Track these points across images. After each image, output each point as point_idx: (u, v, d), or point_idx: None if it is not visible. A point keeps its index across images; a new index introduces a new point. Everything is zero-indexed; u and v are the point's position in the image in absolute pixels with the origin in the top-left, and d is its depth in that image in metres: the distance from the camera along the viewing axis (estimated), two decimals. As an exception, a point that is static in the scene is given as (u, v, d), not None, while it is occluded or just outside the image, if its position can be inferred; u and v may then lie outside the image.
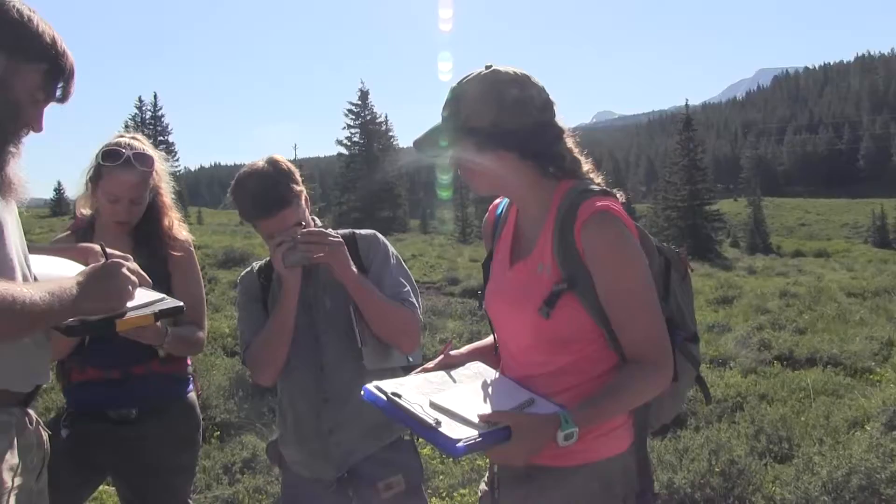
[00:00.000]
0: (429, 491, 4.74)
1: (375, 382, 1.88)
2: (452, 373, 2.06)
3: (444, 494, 4.94)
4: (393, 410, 1.78)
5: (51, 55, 1.82)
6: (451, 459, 5.43)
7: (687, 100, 58.07)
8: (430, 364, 2.13)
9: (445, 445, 1.67)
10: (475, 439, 1.69)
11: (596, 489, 1.95)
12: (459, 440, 1.66)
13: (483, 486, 2.26)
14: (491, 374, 2.08)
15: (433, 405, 1.77)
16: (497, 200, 2.26)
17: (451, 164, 2.04)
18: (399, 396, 1.78)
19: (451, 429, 1.69)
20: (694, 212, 51.57)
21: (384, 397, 1.80)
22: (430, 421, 1.70)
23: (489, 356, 2.21)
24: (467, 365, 2.12)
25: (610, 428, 1.96)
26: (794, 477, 4.79)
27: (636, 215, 73.32)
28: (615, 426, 1.98)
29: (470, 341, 2.61)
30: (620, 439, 1.99)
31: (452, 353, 2.18)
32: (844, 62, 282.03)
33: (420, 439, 2.08)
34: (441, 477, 5.16)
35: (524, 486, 2.04)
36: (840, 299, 14.79)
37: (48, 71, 1.83)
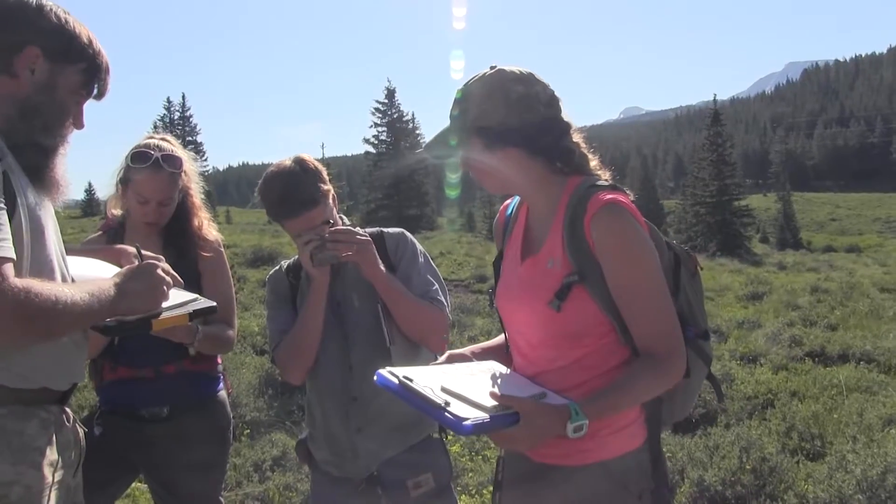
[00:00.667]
0: (458, 489, 4.75)
1: (389, 368, 1.90)
2: (466, 366, 2.08)
3: (473, 492, 4.94)
4: (404, 393, 1.80)
5: (88, 54, 1.89)
6: (479, 457, 5.45)
7: (715, 94, 57.32)
8: (441, 358, 2.14)
9: (453, 424, 1.69)
10: (483, 420, 1.71)
11: (610, 487, 1.95)
12: (467, 419, 1.68)
13: None
14: (504, 370, 2.09)
15: (444, 389, 1.80)
16: (508, 201, 2.28)
17: (462, 165, 2.06)
18: (411, 380, 1.81)
19: (459, 409, 1.72)
20: (723, 207, 51.07)
21: (396, 381, 1.82)
22: (440, 401, 1.73)
23: (500, 355, 2.22)
24: (481, 362, 2.13)
25: (622, 425, 1.96)
26: (826, 475, 4.73)
27: (664, 211, 72.88)
28: (627, 423, 1.98)
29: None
30: (633, 436, 1.99)
31: (460, 350, 2.19)
32: (877, 54, 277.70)
33: (448, 438, 2.09)
34: (470, 474, 5.17)
35: (535, 485, 2.05)
36: (873, 295, 14.61)
37: (86, 70, 1.90)
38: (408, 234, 2.71)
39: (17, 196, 1.71)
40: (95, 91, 1.96)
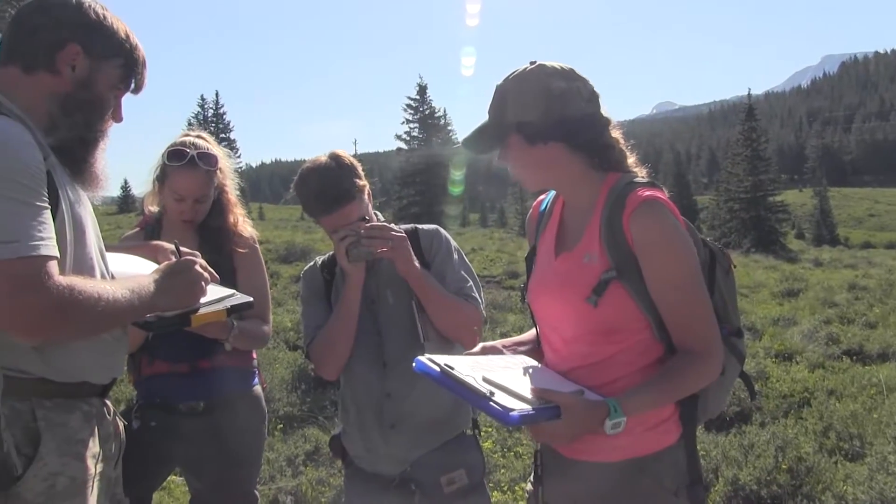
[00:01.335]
0: (490, 485, 4.75)
1: (427, 355, 1.90)
2: (500, 358, 2.09)
3: (505, 488, 4.94)
4: (446, 381, 1.81)
5: (126, 49, 1.93)
6: (512, 453, 5.44)
7: (749, 89, 56.60)
8: (475, 349, 2.15)
9: (499, 414, 1.70)
10: (528, 412, 1.72)
11: (646, 483, 1.95)
12: (514, 409, 1.69)
13: (529, 486, 2.28)
14: (537, 365, 2.09)
15: (486, 380, 1.80)
16: (541, 197, 2.28)
17: (500, 161, 2.06)
18: (452, 368, 1.82)
19: (504, 400, 1.73)
20: (757, 203, 50.44)
21: (437, 368, 1.83)
22: (485, 391, 1.74)
23: (531, 350, 2.22)
24: (514, 356, 2.14)
25: (657, 421, 1.96)
26: (867, 476, 4.65)
27: (697, 207, 72.13)
28: (662, 419, 1.97)
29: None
30: (668, 433, 1.99)
31: (492, 343, 2.20)
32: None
33: (481, 434, 2.09)
34: (502, 471, 5.16)
35: (573, 483, 2.05)
36: (913, 292, 14.32)
37: (124, 65, 1.93)
38: (442, 230, 2.71)
39: (59, 195, 1.74)
40: (133, 85, 2.00)
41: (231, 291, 2.23)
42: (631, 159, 2.06)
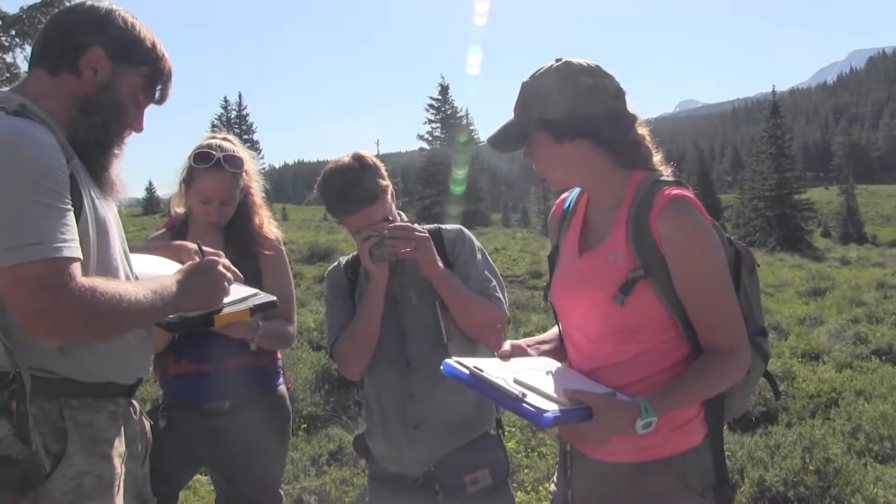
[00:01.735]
0: (514, 485, 4.73)
1: (455, 358, 1.90)
2: (525, 360, 2.08)
3: (528, 488, 4.93)
4: (476, 383, 1.82)
5: (151, 58, 1.94)
6: (535, 454, 5.42)
7: (774, 86, 56.08)
8: (505, 346, 2.14)
9: (532, 416, 1.70)
10: (561, 413, 1.73)
11: (672, 483, 1.95)
12: (547, 411, 1.70)
13: (552, 487, 2.27)
14: (561, 367, 2.09)
15: (517, 381, 1.81)
16: (564, 195, 2.28)
17: (525, 159, 2.06)
18: (481, 370, 1.82)
19: (537, 401, 1.73)
20: (782, 201, 49.93)
21: (466, 371, 1.84)
22: (517, 392, 1.74)
23: (555, 349, 2.22)
24: (538, 358, 2.13)
25: (682, 421, 1.96)
26: (898, 478, 4.59)
27: (721, 205, 71.52)
28: (688, 419, 1.97)
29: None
30: (694, 433, 1.98)
31: (514, 342, 2.18)
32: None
33: (505, 434, 2.09)
34: (526, 471, 5.15)
35: (599, 484, 2.04)
36: (944, 291, 14.10)
37: (149, 74, 1.95)
38: (465, 230, 2.71)
39: (83, 197, 1.76)
40: (157, 95, 2.01)
41: (254, 291, 2.24)
42: (656, 157, 2.05)
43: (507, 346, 2.13)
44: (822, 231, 66.10)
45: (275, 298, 2.23)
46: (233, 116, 66.69)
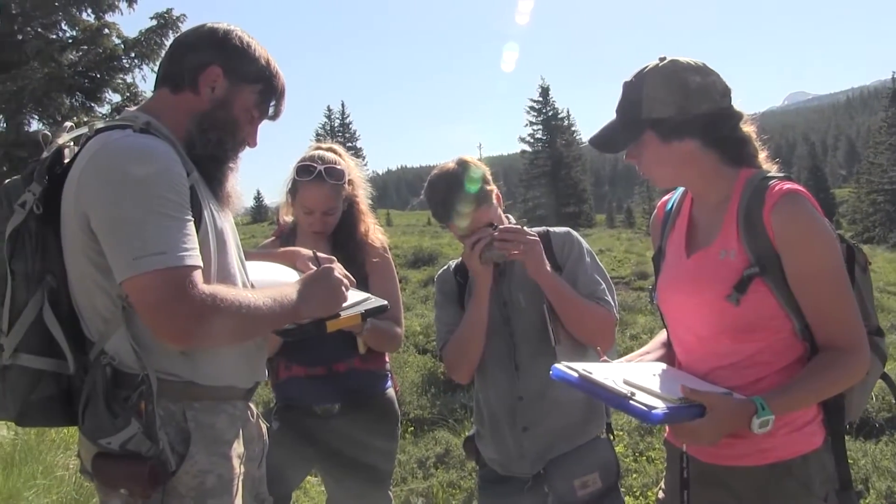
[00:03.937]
0: (622, 489, 4.66)
1: (564, 362, 1.91)
2: (637, 363, 2.07)
3: (637, 493, 4.84)
4: (585, 385, 1.82)
5: (265, 76, 2.01)
6: (644, 458, 5.32)
7: (893, 72, 52.77)
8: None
9: (642, 413, 1.70)
10: (671, 409, 1.71)
11: (794, 488, 1.88)
12: (656, 408, 1.68)
13: (660, 494, 2.22)
14: (675, 369, 2.06)
15: (626, 381, 1.80)
16: (666, 197, 2.25)
17: (629, 159, 2.03)
18: (591, 373, 1.83)
19: (646, 399, 1.73)
20: (904, 195, 47.36)
21: (575, 374, 1.85)
22: (625, 392, 1.74)
23: (659, 359, 2.18)
24: (649, 362, 2.11)
25: (800, 424, 1.90)
26: None
27: (835, 201, 68.16)
28: (807, 421, 1.91)
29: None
30: (814, 435, 1.92)
31: (627, 357, 2.18)
32: None
33: (614, 438, 2.07)
34: (634, 476, 5.07)
35: (717, 489, 1.99)
36: None
37: (263, 91, 2.01)
38: (574, 233, 2.69)
39: (202, 208, 1.84)
40: (271, 112, 2.08)
41: (366, 295, 2.28)
42: (763, 154, 2.01)
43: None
44: (952, 226, 62.08)
45: (385, 303, 2.27)
46: (336, 125, 68.18)
